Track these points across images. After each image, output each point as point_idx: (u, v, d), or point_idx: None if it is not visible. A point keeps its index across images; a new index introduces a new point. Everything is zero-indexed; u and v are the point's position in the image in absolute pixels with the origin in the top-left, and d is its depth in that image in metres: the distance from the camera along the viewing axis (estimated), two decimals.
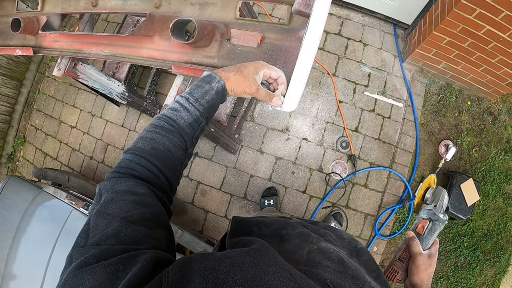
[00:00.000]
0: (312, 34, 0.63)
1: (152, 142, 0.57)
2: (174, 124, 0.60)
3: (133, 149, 0.57)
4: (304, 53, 0.64)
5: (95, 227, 0.45)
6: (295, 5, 0.70)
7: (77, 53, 1.24)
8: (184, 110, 0.62)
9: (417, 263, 0.76)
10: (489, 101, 2.31)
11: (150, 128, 0.60)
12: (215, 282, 0.38)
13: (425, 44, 2.03)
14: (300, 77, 0.65)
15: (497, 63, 1.93)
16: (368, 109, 2.24)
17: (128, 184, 0.51)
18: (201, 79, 0.65)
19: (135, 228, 0.45)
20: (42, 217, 1.58)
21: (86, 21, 1.53)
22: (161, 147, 0.57)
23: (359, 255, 0.68)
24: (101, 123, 2.47)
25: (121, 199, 0.49)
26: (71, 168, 2.49)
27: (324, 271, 0.52)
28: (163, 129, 0.59)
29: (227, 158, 2.19)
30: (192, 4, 1.03)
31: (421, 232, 0.81)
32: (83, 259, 0.39)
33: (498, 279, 2.17)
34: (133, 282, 0.37)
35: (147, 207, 0.49)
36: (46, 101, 2.69)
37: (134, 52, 1.12)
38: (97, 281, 0.37)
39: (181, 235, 1.52)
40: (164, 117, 0.60)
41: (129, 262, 0.39)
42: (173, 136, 0.59)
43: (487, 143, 2.26)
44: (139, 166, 0.55)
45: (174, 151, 0.59)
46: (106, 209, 0.47)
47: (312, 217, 2.13)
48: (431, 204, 0.87)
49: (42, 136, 2.65)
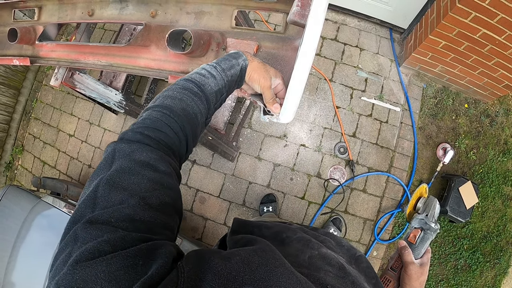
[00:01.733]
0: (307, 46, 0.62)
1: (181, 102, 0.54)
2: (202, 89, 0.58)
3: (161, 106, 0.52)
4: (299, 66, 0.63)
5: (105, 198, 0.39)
6: (290, 15, 0.70)
7: (74, 63, 1.23)
8: (211, 78, 0.60)
9: (409, 272, 0.76)
10: (486, 103, 2.32)
11: (177, 88, 0.56)
12: (227, 278, 0.37)
13: (421, 48, 2.04)
14: (296, 89, 0.65)
15: (494, 66, 1.93)
16: (365, 114, 2.24)
17: (150, 156, 0.46)
18: (228, 55, 0.66)
19: (152, 214, 0.40)
20: (41, 227, 1.58)
21: (83, 31, 1.54)
22: (190, 110, 0.54)
23: (358, 262, 0.68)
24: (99, 131, 2.46)
25: (141, 173, 0.43)
26: (70, 176, 2.48)
27: (326, 276, 0.52)
28: (192, 91, 0.56)
29: (225, 165, 2.18)
30: (188, 13, 1.03)
31: (413, 241, 0.81)
32: (95, 245, 0.34)
33: (498, 280, 2.16)
34: (154, 280, 0.34)
35: (166, 189, 0.45)
36: (44, 109, 2.68)
37: (131, 62, 1.12)
38: (114, 275, 0.32)
39: (180, 243, 1.50)
40: (192, 80, 0.58)
41: (148, 255, 0.35)
42: (200, 101, 0.57)
43: (485, 145, 2.26)
44: (166, 127, 0.50)
45: (199, 118, 0.57)
46: (121, 180, 0.41)
47: (311, 223, 2.11)
48: (423, 213, 0.87)
49: (40, 145, 2.63)
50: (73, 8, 1.27)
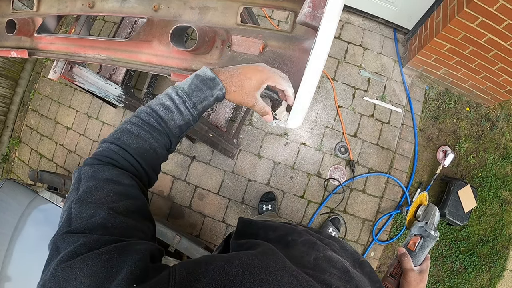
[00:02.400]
0: (319, 50, 0.60)
1: (138, 139, 0.53)
2: (164, 125, 0.56)
3: (118, 142, 0.53)
4: (310, 70, 0.61)
5: (78, 216, 0.43)
6: (301, 16, 0.67)
7: (74, 56, 1.20)
8: (177, 113, 0.57)
9: (408, 279, 0.77)
10: (488, 107, 2.30)
11: (137, 122, 0.55)
12: (224, 283, 0.37)
13: (426, 50, 2.01)
14: (306, 94, 0.62)
15: (497, 71, 1.92)
16: (367, 114, 2.22)
17: (111, 173, 0.49)
18: (204, 81, 0.59)
19: (122, 220, 0.43)
20: (37, 221, 1.56)
21: (83, 23, 1.49)
22: (147, 146, 0.54)
23: (362, 267, 0.67)
24: (97, 124, 2.42)
25: (105, 188, 0.46)
26: (67, 170, 2.45)
27: (331, 278, 0.52)
28: (151, 127, 0.55)
29: (225, 162, 2.16)
30: (192, 8, 1.00)
31: (413, 248, 0.82)
32: (72, 249, 0.37)
33: (493, 283, 2.17)
34: (135, 274, 0.36)
35: (132, 199, 0.48)
36: (41, 101, 2.64)
37: (132, 57, 1.08)
38: (91, 270, 0.35)
39: (179, 241, 1.49)
40: (154, 114, 0.56)
41: (123, 250, 0.38)
42: (160, 136, 0.56)
43: (484, 149, 2.25)
44: (123, 160, 0.52)
45: (159, 152, 0.56)
46: (89, 197, 0.45)
47: (310, 222, 2.10)
48: (423, 221, 0.87)
49: (38, 137, 2.59)
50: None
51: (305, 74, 0.61)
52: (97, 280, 0.34)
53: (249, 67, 0.63)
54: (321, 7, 0.65)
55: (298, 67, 0.79)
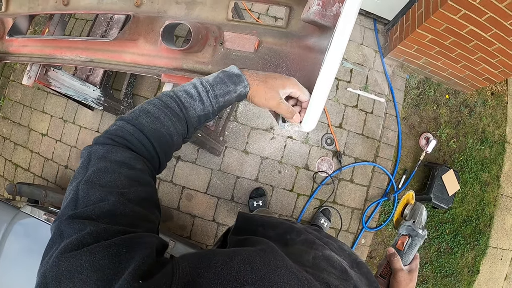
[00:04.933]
0: (336, 52, 0.59)
1: (156, 122, 0.52)
2: (185, 111, 0.56)
3: (135, 122, 0.51)
4: (326, 73, 0.60)
5: (86, 198, 0.41)
6: (308, 14, 0.66)
7: (49, 59, 1.15)
8: (199, 101, 0.57)
9: (398, 279, 0.78)
10: (466, 94, 2.42)
11: (159, 104, 0.54)
12: (227, 278, 0.38)
13: (407, 41, 2.08)
14: (321, 96, 0.61)
15: (476, 60, 2.02)
16: (351, 105, 2.28)
17: (124, 155, 0.47)
18: (229, 76, 0.60)
19: (132, 208, 0.42)
20: (18, 235, 1.50)
21: (57, 22, 1.43)
22: (165, 131, 0.53)
23: (359, 267, 0.69)
24: (74, 129, 2.35)
25: (117, 171, 0.45)
26: (45, 179, 2.37)
27: (330, 277, 0.53)
28: (172, 112, 0.54)
29: (211, 160, 2.17)
30: (178, 3, 0.96)
31: (401, 248, 0.83)
32: (78, 237, 0.36)
33: (478, 261, 2.31)
34: (142, 269, 0.35)
35: (143, 186, 0.47)
36: (13, 107, 2.52)
37: (114, 57, 1.03)
38: (98, 264, 0.34)
39: (173, 246, 1.48)
40: (176, 99, 0.55)
41: (132, 244, 0.37)
42: (179, 123, 0.55)
43: (464, 134, 2.38)
44: (137, 142, 0.51)
45: (175, 138, 0.56)
46: (99, 179, 0.43)
47: (300, 214, 2.15)
48: (410, 220, 0.89)
49: (11, 146, 2.48)
50: None
51: (320, 76, 0.60)
52: (104, 275, 0.33)
53: (274, 74, 0.64)
54: (331, 5, 0.65)
55: (300, 65, 0.78)
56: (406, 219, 0.92)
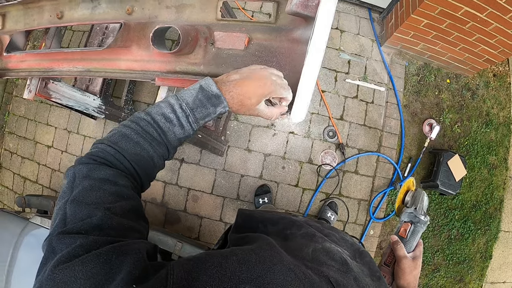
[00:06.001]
0: (318, 41, 0.60)
1: (136, 146, 0.54)
2: (163, 136, 0.57)
3: (116, 146, 0.53)
4: (310, 62, 0.61)
5: (74, 216, 0.43)
6: (291, 6, 0.68)
7: (47, 72, 1.19)
8: (179, 126, 0.58)
9: (402, 266, 0.79)
10: (467, 77, 2.41)
11: (137, 129, 0.55)
12: (222, 280, 0.39)
13: (403, 27, 2.08)
14: (308, 87, 0.63)
15: (475, 42, 2.01)
16: (351, 96, 2.29)
17: (107, 172, 0.50)
18: (209, 98, 0.58)
19: (118, 220, 0.45)
20: (31, 247, 1.55)
21: (53, 35, 1.47)
22: (145, 154, 0.55)
23: (362, 256, 0.70)
24: (79, 139, 2.41)
25: (101, 188, 0.47)
26: (54, 190, 2.43)
27: (329, 270, 0.53)
28: (151, 137, 0.56)
29: (215, 160, 2.20)
30: (168, 7, 0.98)
31: (404, 235, 0.84)
32: (70, 250, 0.38)
33: (490, 246, 2.30)
34: (134, 274, 0.37)
35: (127, 199, 0.49)
36: (17, 122, 2.60)
37: (110, 66, 1.07)
38: (90, 272, 0.36)
39: (180, 247, 1.50)
40: (155, 125, 0.56)
41: (121, 251, 0.39)
42: (159, 147, 0.57)
43: (468, 118, 2.36)
44: (119, 164, 0.53)
45: (156, 160, 0.58)
46: (85, 197, 0.45)
47: (307, 209, 2.17)
48: (412, 207, 0.89)
49: (19, 160, 2.56)
50: (40, 11, 1.21)
51: (304, 66, 0.62)
52: (97, 282, 0.35)
53: (250, 82, 0.62)
54: None
55: (290, 58, 0.80)
56: (408, 206, 0.93)
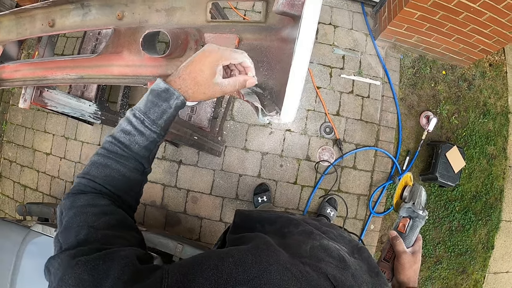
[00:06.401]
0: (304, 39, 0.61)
1: (105, 168, 0.57)
2: (128, 150, 0.58)
3: (88, 176, 0.57)
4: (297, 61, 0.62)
5: (65, 240, 0.48)
6: (278, 6, 0.68)
7: (42, 80, 1.21)
8: (138, 134, 0.58)
9: (402, 261, 0.80)
10: (463, 68, 2.42)
11: (103, 152, 0.58)
12: (218, 282, 0.40)
13: (396, 20, 2.08)
14: (296, 86, 0.63)
15: (469, 32, 2.02)
16: (346, 91, 2.30)
17: (87, 198, 0.54)
18: (158, 95, 0.59)
19: (103, 233, 0.48)
20: (33, 255, 1.57)
21: (46, 44, 1.49)
22: (115, 174, 0.57)
23: (360, 252, 0.71)
24: (76, 145, 2.44)
25: (84, 212, 0.51)
26: (54, 197, 2.46)
27: (327, 266, 0.54)
28: (116, 155, 0.57)
29: (212, 161, 2.22)
30: (158, 11, 0.99)
31: (403, 230, 0.85)
32: (60, 263, 0.43)
33: (492, 236, 2.31)
34: (123, 279, 0.39)
35: (110, 215, 0.52)
36: (15, 131, 2.62)
37: (103, 72, 1.08)
38: (78, 277, 0.39)
39: (181, 249, 1.52)
40: (116, 142, 0.58)
41: (107, 257, 0.42)
42: (127, 161, 0.58)
43: (465, 108, 2.37)
44: (92, 189, 0.57)
45: (129, 175, 0.59)
46: (72, 224, 0.50)
47: (306, 206, 2.19)
48: (410, 202, 0.91)
49: (18, 168, 2.59)
50: (32, 20, 1.22)
51: (292, 65, 0.62)
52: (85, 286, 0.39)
53: (195, 59, 0.61)
54: None
55: (279, 57, 0.80)
56: (406, 201, 0.94)
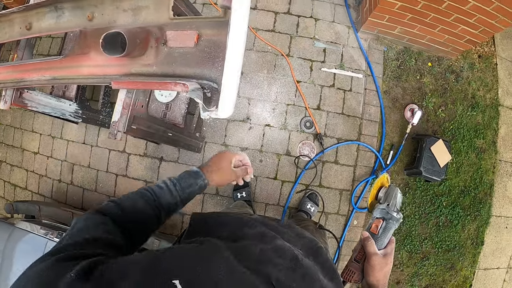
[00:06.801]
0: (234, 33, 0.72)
1: (134, 203, 0.77)
2: (156, 199, 0.79)
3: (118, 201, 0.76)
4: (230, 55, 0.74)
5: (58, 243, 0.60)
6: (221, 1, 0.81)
7: (20, 82, 1.42)
8: (168, 192, 0.81)
9: (372, 263, 0.85)
10: (450, 60, 2.56)
11: (139, 194, 0.79)
12: (153, 273, 0.46)
13: (377, 11, 2.22)
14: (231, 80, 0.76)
15: (453, 22, 2.13)
16: (327, 85, 2.49)
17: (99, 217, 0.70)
18: (190, 173, 0.88)
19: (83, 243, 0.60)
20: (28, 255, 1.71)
21: (24, 46, 1.72)
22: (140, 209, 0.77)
23: (316, 254, 0.76)
24: (62, 144, 2.71)
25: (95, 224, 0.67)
26: (42, 195, 2.74)
27: (274, 269, 0.58)
28: (146, 197, 0.79)
29: (193, 157, 2.44)
30: (125, 11, 1.10)
31: (375, 231, 0.89)
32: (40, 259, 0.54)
33: (481, 231, 2.46)
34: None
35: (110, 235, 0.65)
36: (5, 131, 2.92)
37: (73, 72, 1.25)
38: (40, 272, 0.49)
39: (159, 244, 1.73)
40: (150, 191, 0.80)
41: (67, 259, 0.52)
42: (151, 209, 0.78)
43: (452, 101, 2.52)
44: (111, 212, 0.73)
45: (149, 214, 0.78)
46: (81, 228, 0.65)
47: (287, 202, 2.39)
48: (384, 203, 0.96)
49: (8, 168, 2.88)
50: (11, 24, 1.40)
51: (226, 61, 0.75)
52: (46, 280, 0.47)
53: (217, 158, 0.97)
54: None
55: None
56: (381, 202, 1.00)
